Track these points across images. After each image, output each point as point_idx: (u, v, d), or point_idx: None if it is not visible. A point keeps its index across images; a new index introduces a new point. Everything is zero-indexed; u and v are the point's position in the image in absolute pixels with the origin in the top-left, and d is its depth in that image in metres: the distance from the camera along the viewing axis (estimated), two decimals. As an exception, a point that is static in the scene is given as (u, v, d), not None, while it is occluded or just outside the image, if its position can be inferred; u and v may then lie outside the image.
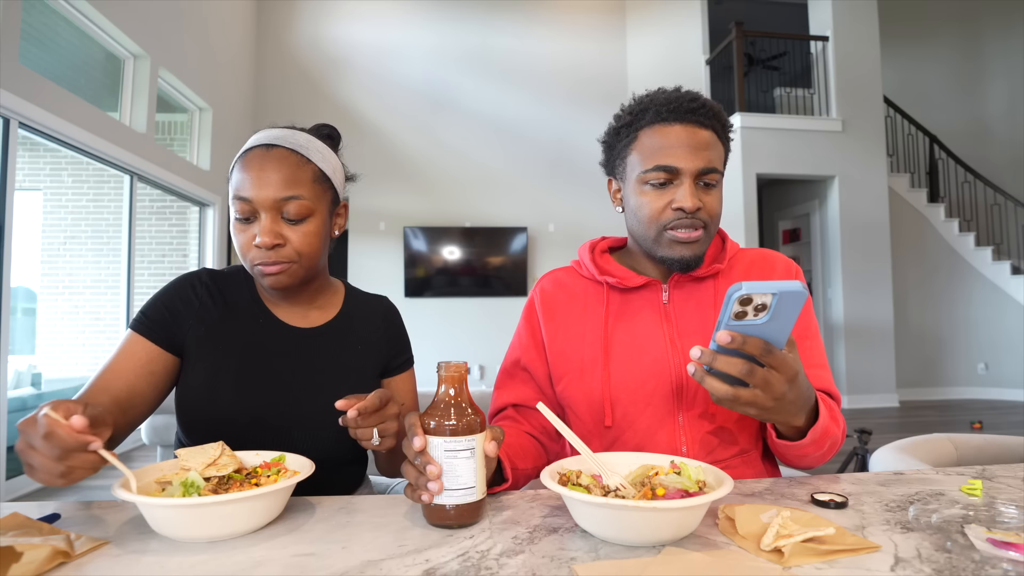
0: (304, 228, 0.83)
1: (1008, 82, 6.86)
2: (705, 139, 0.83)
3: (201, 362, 0.85)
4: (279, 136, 0.84)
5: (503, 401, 0.95)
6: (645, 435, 0.84)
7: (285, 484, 0.59)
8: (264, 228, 0.80)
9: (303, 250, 0.83)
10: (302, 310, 0.92)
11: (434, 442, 0.60)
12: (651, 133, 0.84)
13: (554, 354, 0.92)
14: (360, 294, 1.02)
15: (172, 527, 0.56)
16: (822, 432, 0.74)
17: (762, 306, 0.57)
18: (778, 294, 0.56)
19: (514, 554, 0.53)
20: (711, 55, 5.99)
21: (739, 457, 0.85)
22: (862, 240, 5.54)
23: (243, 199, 0.80)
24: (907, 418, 5.03)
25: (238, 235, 0.83)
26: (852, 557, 0.50)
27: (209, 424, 0.82)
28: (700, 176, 0.83)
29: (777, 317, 0.58)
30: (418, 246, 6.18)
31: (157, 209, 5.15)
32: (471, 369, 5.86)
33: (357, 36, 6.35)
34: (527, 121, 6.48)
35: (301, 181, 0.82)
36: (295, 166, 0.83)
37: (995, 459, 1.32)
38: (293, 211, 0.81)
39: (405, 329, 1.03)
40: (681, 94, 0.85)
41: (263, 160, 0.81)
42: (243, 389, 0.84)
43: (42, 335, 4.93)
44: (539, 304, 0.96)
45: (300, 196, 0.82)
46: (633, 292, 0.90)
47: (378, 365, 0.96)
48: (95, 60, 3.96)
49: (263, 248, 0.81)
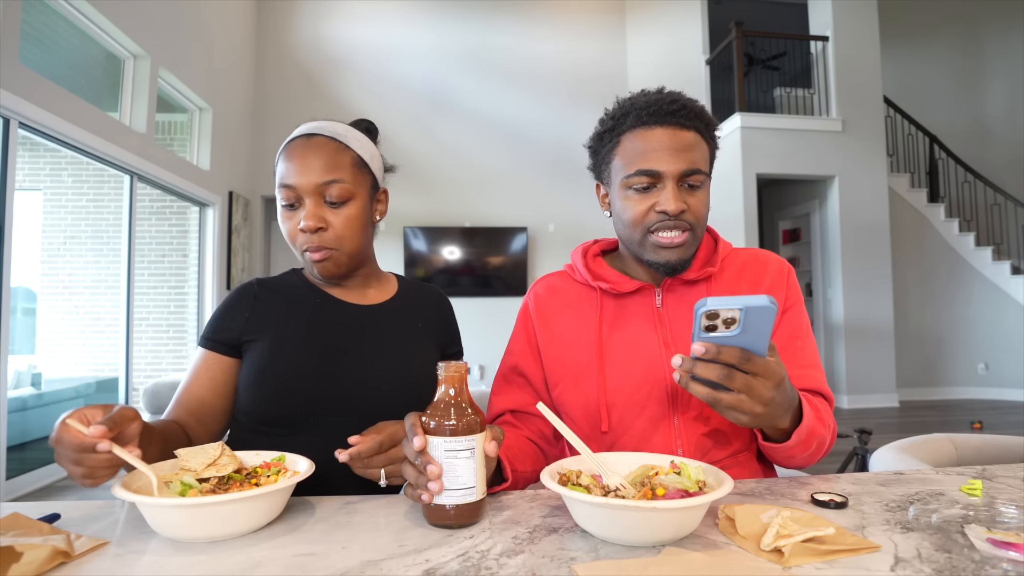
0: (346, 212, 0.87)
1: (1008, 82, 6.86)
2: (687, 141, 0.82)
3: (261, 340, 0.87)
4: (319, 126, 0.89)
5: (501, 407, 0.94)
6: (641, 439, 0.84)
7: (284, 484, 0.59)
8: (308, 212, 0.84)
9: (344, 233, 0.87)
10: (359, 291, 0.96)
11: (434, 442, 0.60)
12: (632, 137, 0.84)
13: (550, 360, 0.92)
14: (413, 282, 1.05)
15: (171, 527, 0.56)
16: (808, 433, 0.74)
17: (731, 320, 0.57)
18: (744, 309, 0.56)
19: (514, 554, 0.53)
20: (711, 55, 5.99)
21: (733, 458, 0.85)
22: (862, 240, 5.54)
23: (287, 186, 0.85)
24: (907, 418, 5.03)
25: (285, 223, 0.87)
26: (852, 557, 0.50)
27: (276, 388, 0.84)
28: (683, 178, 0.82)
29: (749, 330, 0.58)
30: (418, 246, 6.18)
31: (157, 209, 5.15)
32: (471, 369, 5.86)
33: (357, 36, 6.35)
34: (527, 121, 6.48)
35: (341, 166, 0.87)
36: (335, 152, 0.87)
37: (995, 459, 1.32)
38: (335, 194, 0.85)
39: (456, 322, 1.07)
40: (662, 96, 0.84)
41: (305, 148, 0.86)
42: (305, 354, 0.86)
43: (42, 335, 4.93)
44: (533, 310, 0.96)
45: (341, 180, 0.86)
46: (626, 297, 0.90)
47: (437, 342, 0.99)
48: (95, 60, 3.96)
49: (307, 232, 0.85)
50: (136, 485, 0.60)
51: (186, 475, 0.62)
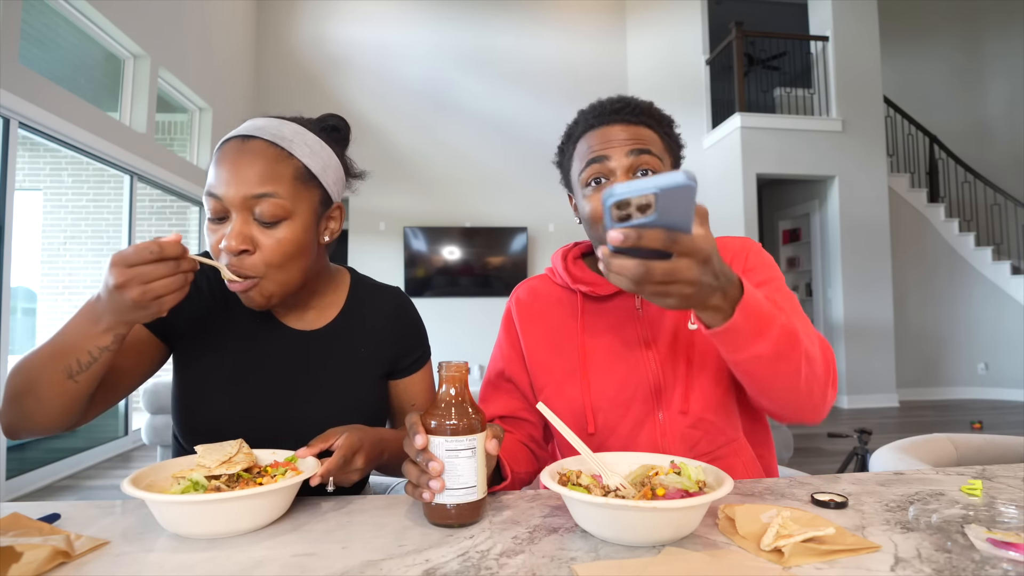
0: (278, 234, 0.73)
1: (1008, 82, 6.86)
2: (636, 133, 0.82)
3: (196, 361, 0.82)
4: (260, 127, 0.76)
5: (490, 414, 0.94)
6: (628, 438, 0.85)
7: (284, 484, 0.59)
8: (232, 230, 0.72)
9: (272, 261, 0.73)
10: (299, 312, 0.87)
11: (435, 441, 0.60)
12: (584, 140, 0.86)
13: (534, 364, 0.92)
14: (369, 287, 0.95)
15: (174, 523, 0.57)
16: (759, 314, 0.63)
17: (645, 205, 0.51)
18: (659, 192, 0.49)
19: (514, 554, 0.53)
20: (711, 55, 5.99)
21: (727, 447, 0.84)
22: (862, 240, 5.54)
23: (212, 195, 0.73)
24: (907, 418, 5.03)
25: (209, 235, 0.75)
26: (852, 557, 0.50)
27: (202, 425, 0.80)
28: (635, 163, 0.81)
29: (668, 213, 0.51)
30: (418, 246, 6.18)
31: (157, 209, 5.15)
32: (471, 369, 5.90)
33: (357, 36, 6.35)
34: (527, 121, 6.48)
35: (278, 177, 0.73)
36: (272, 160, 0.74)
37: (995, 459, 1.32)
38: (266, 212, 0.72)
39: (420, 323, 0.97)
40: (609, 99, 0.86)
41: (238, 153, 0.73)
42: (236, 390, 0.81)
43: (42, 335, 4.93)
44: (516, 315, 0.96)
45: (274, 194, 0.73)
46: (606, 300, 0.90)
47: (381, 367, 0.91)
48: (95, 60, 3.96)
49: (228, 253, 0.72)
50: (145, 483, 0.61)
51: (197, 471, 0.63)
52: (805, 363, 0.68)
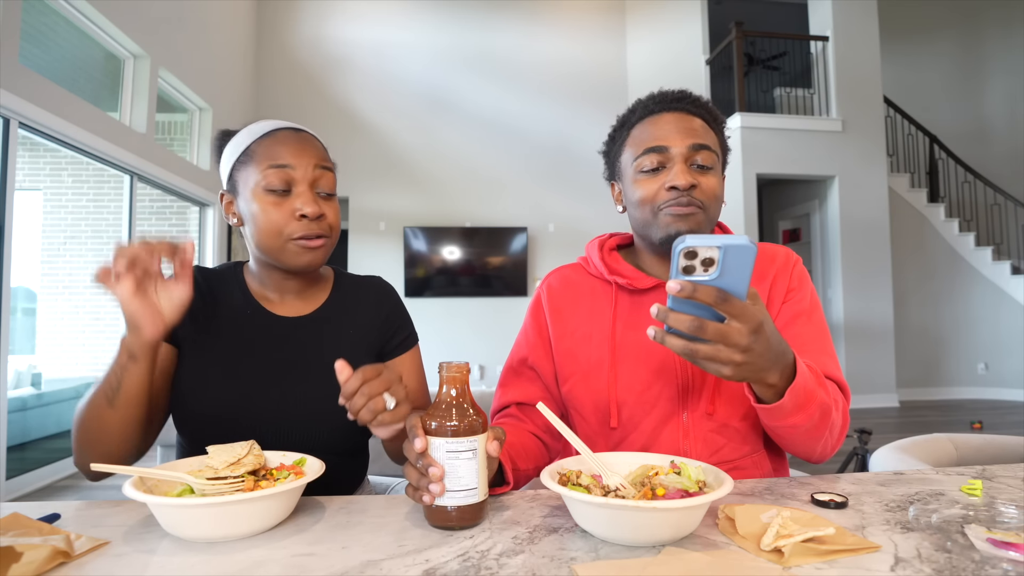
0: (334, 205, 0.85)
1: (1008, 82, 6.86)
2: (695, 125, 0.85)
3: (190, 352, 0.84)
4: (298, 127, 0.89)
5: (507, 399, 0.94)
6: (649, 436, 0.84)
7: (284, 488, 0.58)
8: (310, 198, 0.81)
9: (335, 224, 0.85)
10: (291, 299, 0.90)
11: (436, 443, 0.59)
12: (641, 126, 0.87)
13: (561, 354, 0.91)
14: (351, 278, 0.98)
15: (175, 526, 0.57)
16: (805, 395, 0.68)
17: (709, 260, 0.56)
18: (724, 247, 0.55)
19: (514, 554, 0.53)
20: (711, 55, 5.99)
21: (748, 458, 0.84)
22: (862, 240, 5.54)
23: (282, 166, 0.80)
24: (907, 418, 5.03)
25: (272, 209, 0.80)
26: (852, 557, 0.50)
27: (199, 418, 0.81)
28: (692, 156, 0.83)
29: (728, 272, 0.56)
30: (418, 246, 6.17)
31: (157, 209, 5.15)
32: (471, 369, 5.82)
33: (357, 36, 6.35)
34: (527, 121, 6.48)
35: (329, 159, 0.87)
36: (323, 147, 0.87)
37: (995, 459, 1.32)
38: (328, 184, 0.84)
39: (403, 307, 0.99)
40: (669, 90, 0.88)
41: (298, 136, 0.84)
42: (230, 380, 0.82)
43: (42, 335, 4.93)
44: (546, 303, 0.95)
45: (334, 169, 0.86)
46: (641, 294, 0.89)
47: (372, 348, 0.93)
48: (95, 60, 3.96)
49: (311, 218, 0.80)
50: (146, 486, 0.60)
51: (205, 472, 0.63)
52: (828, 431, 0.75)
